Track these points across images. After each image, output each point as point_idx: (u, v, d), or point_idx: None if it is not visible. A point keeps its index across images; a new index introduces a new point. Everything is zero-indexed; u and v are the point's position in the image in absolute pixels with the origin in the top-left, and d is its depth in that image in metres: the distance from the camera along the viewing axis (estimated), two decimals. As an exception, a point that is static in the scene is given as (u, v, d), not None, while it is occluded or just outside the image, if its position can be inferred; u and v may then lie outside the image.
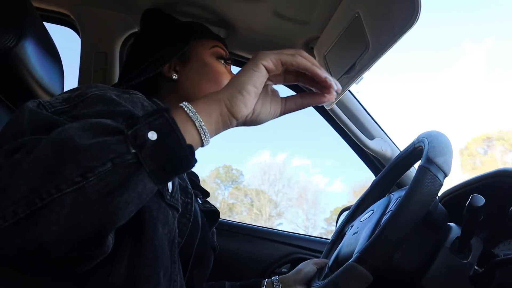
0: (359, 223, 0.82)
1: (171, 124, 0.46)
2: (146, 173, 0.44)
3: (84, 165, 0.41)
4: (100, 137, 0.44)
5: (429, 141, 0.69)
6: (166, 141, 0.45)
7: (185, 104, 0.51)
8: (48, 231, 0.40)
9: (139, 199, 0.44)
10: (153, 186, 0.46)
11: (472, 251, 0.63)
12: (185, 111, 0.51)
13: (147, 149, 0.44)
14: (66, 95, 0.57)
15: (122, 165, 0.43)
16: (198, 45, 0.89)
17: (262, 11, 1.04)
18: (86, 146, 0.42)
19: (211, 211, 0.87)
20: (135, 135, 0.44)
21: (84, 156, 0.41)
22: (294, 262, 1.31)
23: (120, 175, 0.43)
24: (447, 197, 0.81)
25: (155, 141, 0.45)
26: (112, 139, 0.44)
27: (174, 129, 0.46)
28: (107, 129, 0.45)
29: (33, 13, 0.82)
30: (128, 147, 0.43)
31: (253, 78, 0.55)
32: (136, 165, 0.43)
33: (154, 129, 0.45)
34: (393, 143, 1.32)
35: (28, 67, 0.79)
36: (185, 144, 0.46)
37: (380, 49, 0.82)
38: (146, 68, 0.84)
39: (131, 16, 1.14)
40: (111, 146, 0.43)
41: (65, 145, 0.42)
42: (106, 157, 0.42)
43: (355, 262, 0.60)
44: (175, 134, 0.46)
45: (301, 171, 17.23)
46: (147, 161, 0.44)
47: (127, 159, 0.43)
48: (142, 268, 0.53)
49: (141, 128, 0.45)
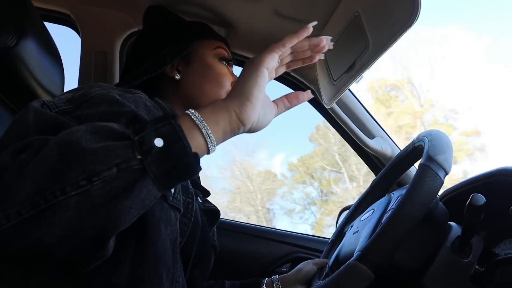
0: (359, 222, 0.81)
1: (178, 131, 0.46)
2: (150, 180, 0.44)
3: (89, 169, 0.41)
4: (106, 141, 0.44)
5: (429, 139, 0.69)
6: (172, 149, 0.45)
7: (191, 112, 0.51)
8: (50, 232, 0.40)
9: (142, 205, 0.45)
10: (156, 192, 0.46)
11: (473, 250, 0.63)
12: (192, 119, 0.50)
13: (153, 155, 0.44)
14: (69, 95, 0.57)
15: (127, 170, 0.43)
16: (201, 46, 0.89)
17: (262, 10, 1.04)
18: (92, 150, 0.42)
19: (211, 211, 0.87)
20: (142, 141, 0.44)
21: (90, 160, 0.41)
22: (294, 261, 1.31)
23: (125, 181, 0.43)
24: (448, 196, 0.81)
25: (161, 148, 0.44)
26: (119, 144, 0.44)
27: (181, 136, 0.46)
28: (114, 134, 0.45)
29: (33, 13, 0.82)
30: (134, 153, 0.43)
31: (259, 83, 0.55)
32: (141, 171, 0.44)
33: (161, 136, 0.45)
34: (393, 142, 1.32)
35: (29, 67, 0.79)
36: (191, 152, 0.46)
37: (380, 48, 0.82)
38: (148, 67, 0.84)
39: (131, 16, 1.14)
40: (117, 151, 0.43)
41: (72, 148, 0.42)
42: (112, 162, 0.42)
43: (357, 260, 0.60)
44: (181, 141, 0.46)
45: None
46: (152, 167, 0.44)
47: (133, 165, 0.43)
48: (145, 269, 0.53)
49: (147, 134, 0.45)
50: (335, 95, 1.07)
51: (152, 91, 0.85)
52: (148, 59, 0.85)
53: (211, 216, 0.86)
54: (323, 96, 1.15)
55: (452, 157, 0.65)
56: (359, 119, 1.30)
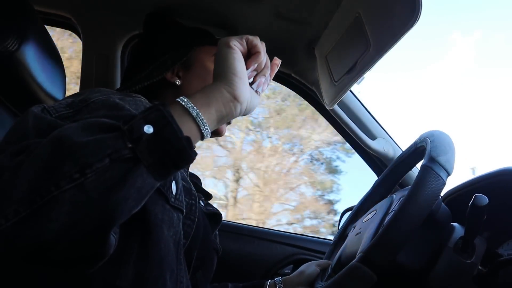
0: (362, 223, 0.81)
1: (166, 116, 0.46)
2: (144, 168, 0.44)
3: (82, 162, 0.41)
4: (97, 134, 0.44)
5: (431, 140, 0.68)
6: (163, 134, 0.45)
7: (181, 98, 0.52)
8: (49, 229, 0.40)
9: (138, 195, 0.44)
10: (153, 181, 0.45)
11: (476, 251, 0.62)
12: (181, 104, 0.51)
13: (143, 142, 0.44)
14: (70, 100, 0.58)
15: (119, 160, 0.43)
16: (201, 52, 0.89)
17: (263, 12, 1.04)
18: (83, 143, 0.42)
19: (213, 214, 0.87)
20: (131, 130, 0.44)
21: (82, 152, 0.42)
22: (296, 263, 1.31)
23: (118, 171, 0.43)
24: (450, 196, 0.80)
25: (151, 134, 0.45)
26: (109, 135, 0.44)
27: (170, 121, 0.46)
28: (104, 127, 0.45)
29: (34, 17, 0.83)
30: (124, 142, 0.43)
31: (237, 59, 0.57)
32: (134, 160, 0.44)
33: (150, 122, 0.45)
34: (395, 143, 1.32)
35: (30, 71, 0.79)
36: (182, 136, 0.46)
37: (381, 49, 0.82)
38: (149, 73, 0.85)
39: (132, 19, 1.14)
40: (108, 141, 0.43)
41: (63, 143, 0.42)
42: (103, 152, 0.42)
43: (359, 262, 0.60)
44: (171, 126, 0.46)
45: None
46: (144, 155, 0.44)
47: (124, 154, 0.43)
48: (149, 271, 0.53)
49: (136, 122, 0.45)
50: (337, 96, 1.07)
51: (152, 97, 0.85)
52: (149, 65, 0.86)
53: (213, 219, 0.86)
54: (325, 97, 1.15)
55: (454, 158, 0.64)
56: (360, 120, 1.30)
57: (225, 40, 0.59)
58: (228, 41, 0.58)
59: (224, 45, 0.58)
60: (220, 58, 0.58)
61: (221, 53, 0.58)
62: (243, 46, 0.59)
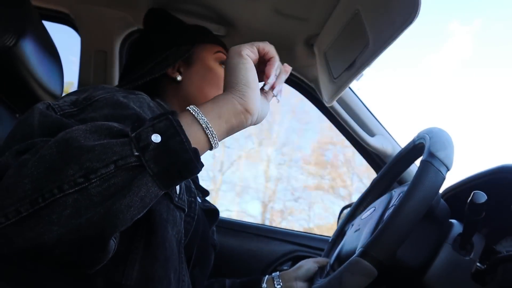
0: (361, 220, 0.81)
1: (175, 126, 0.45)
2: (149, 177, 0.43)
3: (86, 166, 0.41)
4: (104, 139, 0.43)
5: (430, 136, 0.68)
6: (170, 144, 0.44)
7: (191, 107, 0.50)
8: (49, 231, 0.40)
9: (141, 203, 0.44)
10: (157, 191, 0.45)
11: (474, 247, 0.62)
12: (191, 114, 0.50)
13: (150, 151, 0.43)
14: (73, 98, 0.57)
15: (125, 167, 0.42)
16: (202, 49, 0.90)
17: (262, 9, 1.04)
18: (89, 147, 0.42)
19: (210, 210, 0.87)
20: (139, 138, 0.44)
21: (87, 157, 0.41)
22: (295, 260, 1.31)
23: (123, 178, 0.42)
24: (449, 193, 0.81)
25: (159, 143, 0.44)
26: (116, 141, 0.43)
27: (178, 131, 0.45)
28: (112, 132, 0.45)
29: (32, 12, 0.82)
30: (131, 150, 0.43)
31: (249, 70, 0.55)
32: (139, 168, 0.43)
33: (158, 131, 0.45)
34: (394, 140, 1.32)
35: (28, 66, 0.79)
36: (190, 147, 0.45)
37: (380, 46, 0.81)
38: (151, 68, 0.85)
39: (130, 15, 1.14)
40: (115, 148, 0.43)
41: (70, 145, 0.42)
42: (109, 159, 0.42)
43: (359, 257, 0.60)
44: (179, 136, 0.45)
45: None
46: (150, 164, 0.43)
47: (130, 161, 0.43)
48: (154, 270, 0.53)
49: (144, 130, 0.44)
50: (336, 93, 1.07)
51: (153, 92, 0.85)
52: (151, 60, 0.86)
53: (210, 215, 0.86)
54: (324, 94, 1.15)
55: (453, 153, 0.64)
56: (359, 117, 1.30)
57: (236, 49, 0.57)
58: (240, 50, 0.56)
59: (235, 54, 0.56)
60: (232, 68, 0.56)
61: (233, 62, 0.56)
62: (254, 54, 0.57)
